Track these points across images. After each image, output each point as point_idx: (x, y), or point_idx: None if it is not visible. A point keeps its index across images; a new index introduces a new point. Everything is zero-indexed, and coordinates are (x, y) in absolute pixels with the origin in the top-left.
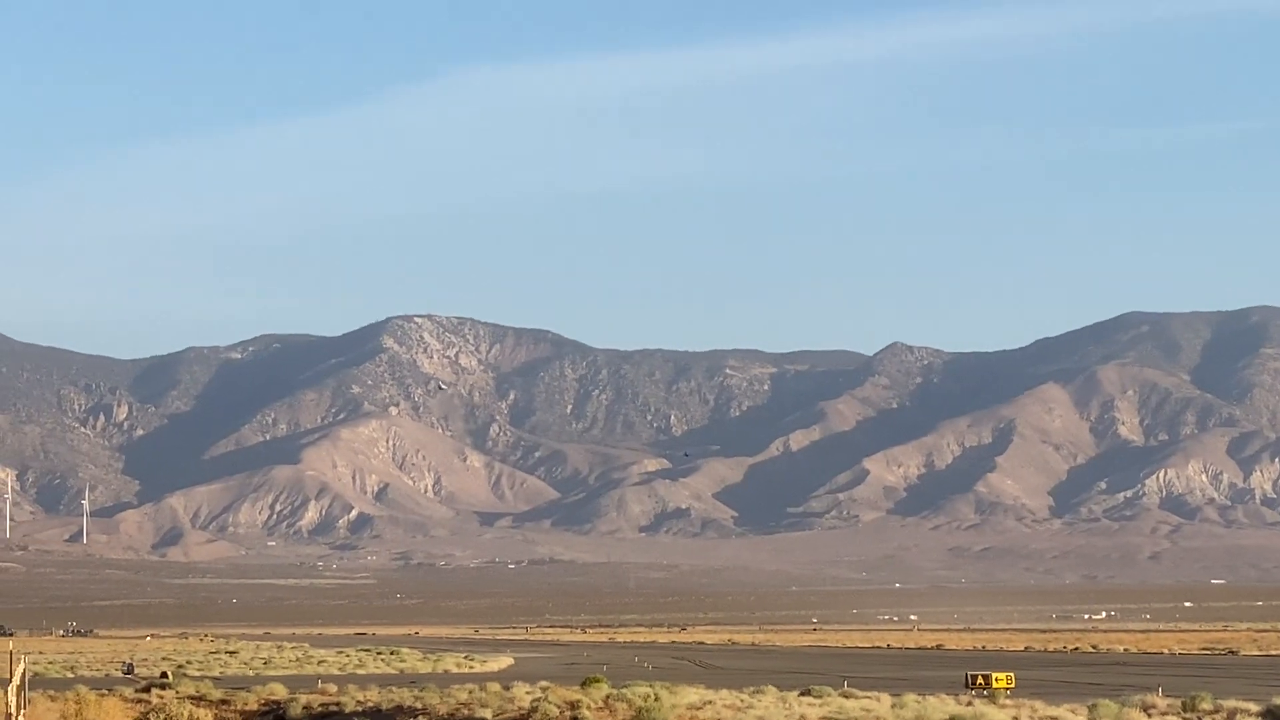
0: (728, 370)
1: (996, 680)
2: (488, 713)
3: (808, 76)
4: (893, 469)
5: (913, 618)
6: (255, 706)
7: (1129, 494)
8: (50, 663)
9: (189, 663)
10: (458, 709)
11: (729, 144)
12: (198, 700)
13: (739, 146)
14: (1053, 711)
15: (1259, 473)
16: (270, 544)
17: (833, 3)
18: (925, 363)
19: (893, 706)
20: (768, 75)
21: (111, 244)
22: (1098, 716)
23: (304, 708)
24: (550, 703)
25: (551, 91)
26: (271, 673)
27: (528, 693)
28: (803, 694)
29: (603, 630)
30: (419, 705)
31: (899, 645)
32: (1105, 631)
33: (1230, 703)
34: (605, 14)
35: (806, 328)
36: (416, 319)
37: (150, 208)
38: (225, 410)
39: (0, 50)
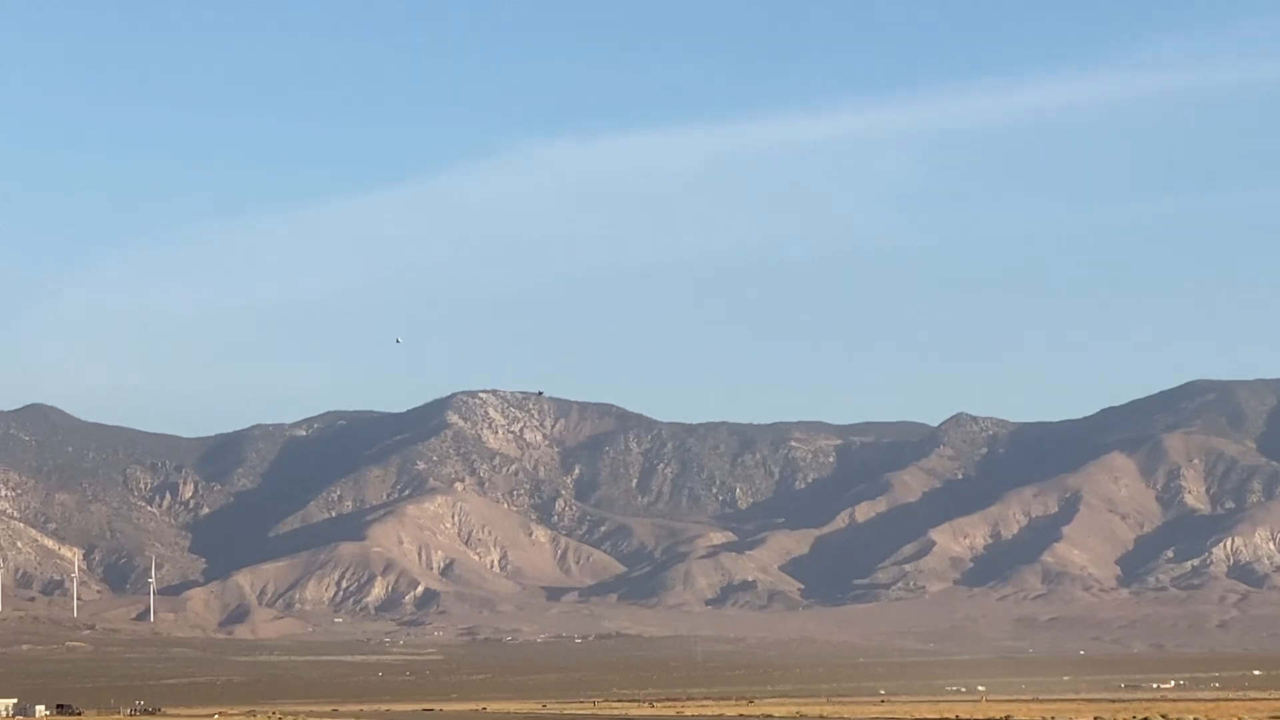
0: (793, 443)
1: None
2: None
3: (870, 148)
4: (959, 540)
5: (981, 688)
6: None
7: (1196, 562)
8: None
9: None
10: None
11: (790, 215)
12: None
13: (800, 218)
14: None
15: None
16: (337, 620)
17: (889, 74)
18: (990, 433)
19: None
20: (827, 146)
21: (176, 322)
22: None
23: None
24: None
25: (614, 165)
26: None
27: None
28: None
29: (670, 703)
30: None
31: (967, 716)
32: (1174, 700)
33: None
34: (666, 88)
35: (871, 399)
36: (481, 394)
37: (214, 285)
38: (291, 487)
39: (65, 126)
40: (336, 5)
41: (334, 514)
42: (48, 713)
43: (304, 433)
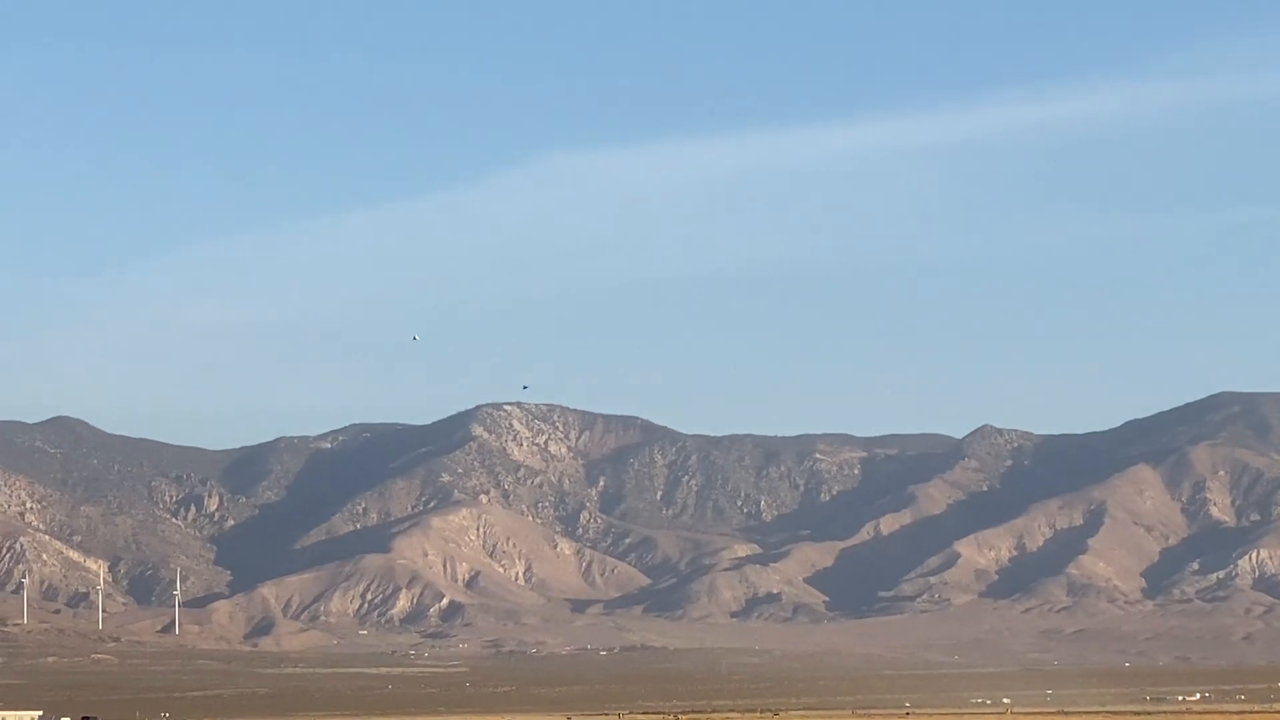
0: (817, 455)
1: None
2: None
3: (895, 158)
4: (984, 552)
5: (1006, 701)
6: None
7: (1221, 575)
8: None
9: None
10: None
11: (817, 227)
12: None
13: (826, 229)
14: None
15: None
16: (362, 633)
17: (915, 84)
18: (1015, 445)
19: None
20: (855, 157)
21: (201, 334)
22: None
23: None
24: None
25: (637, 176)
26: None
27: None
28: None
29: (695, 716)
30: None
31: None
32: (1200, 713)
33: None
34: (692, 98)
35: (896, 411)
36: (506, 407)
37: (239, 297)
38: (316, 500)
39: (92, 141)
40: (357, 15)
41: (359, 526)
42: None
43: (329, 445)
